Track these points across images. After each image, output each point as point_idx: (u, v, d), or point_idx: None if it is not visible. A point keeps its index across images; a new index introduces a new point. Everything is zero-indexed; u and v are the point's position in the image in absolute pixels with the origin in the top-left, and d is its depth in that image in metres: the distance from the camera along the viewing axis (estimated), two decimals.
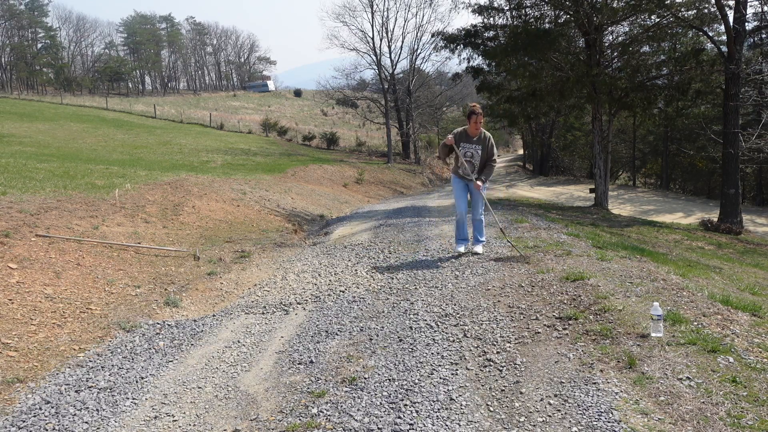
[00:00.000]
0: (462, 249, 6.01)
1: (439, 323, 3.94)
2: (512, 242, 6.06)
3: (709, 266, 7.21)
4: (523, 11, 16.38)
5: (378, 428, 2.61)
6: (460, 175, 5.98)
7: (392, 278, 5.29)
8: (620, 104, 15.31)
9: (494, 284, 4.76)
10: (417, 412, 2.74)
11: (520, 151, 45.11)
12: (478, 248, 6.01)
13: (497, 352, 3.38)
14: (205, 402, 3.03)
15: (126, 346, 3.92)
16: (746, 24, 14.43)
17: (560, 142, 35.01)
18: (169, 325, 4.35)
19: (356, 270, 5.74)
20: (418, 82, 35.66)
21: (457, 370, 3.18)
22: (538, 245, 6.15)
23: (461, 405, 2.77)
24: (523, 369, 3.12)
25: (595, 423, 2.51)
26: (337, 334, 3.87)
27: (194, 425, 2.79)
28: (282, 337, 3.94)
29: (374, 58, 32.40)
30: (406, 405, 2.80)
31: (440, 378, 3.09)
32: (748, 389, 2.66)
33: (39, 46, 71.76)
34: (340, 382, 3.12)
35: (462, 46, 17.90)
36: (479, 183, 5.77)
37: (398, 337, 3.72)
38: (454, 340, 3.61)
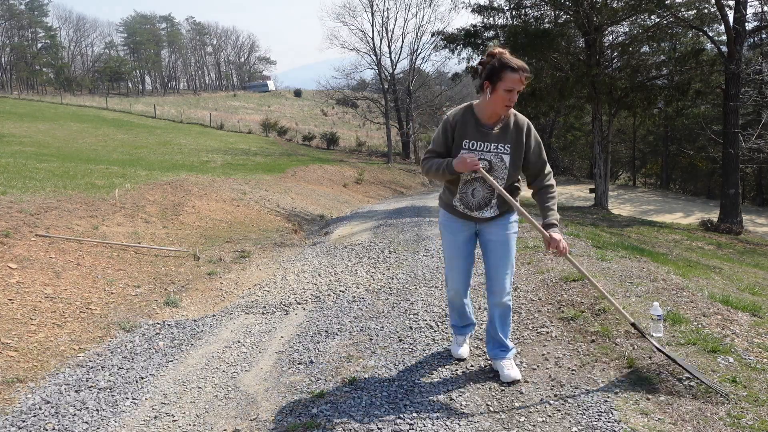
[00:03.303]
0: (464, 351, 3.21)
1: (439, 323, 3.94)
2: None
3: (709, 266, 7.22)
4: (523, 11, 16.43)
5: (378, 428, 2.61)
6: (459, 212, 2.93)
7: (392, 278, 5.29)
8: (620, 104, 15.35)
9: None
10: (417, 412, 2.74)
11: None
12: (508, 367, 2.95)
13: None
14: (205, 402, 3.03)
15: (126, 346, 3.92)
16: (746, 24, 14.46)
17: (560, 142, 35.03)
18: (169, 325, 4.35)
19: (356, 270, 5.74)
20: (418, 82, 35.65)
21: (457, 370, 3.18)
22: (538, 245, 6.15)
23: (461, 405, 2.77)
24: (523, 369, 3.12)
25: (595, 423, 2.51)
26: (337, 334, 3.87)
27: (194, 425, 2.79)
28: (282, 337, 3.94)
29: (374, 58, 32.43)
30: (406, 405, 2.80)
31: (440, 378, 3.09)
32: (748, 389, 2.66)
33: (39, 46, 71.83)
34: (340, 382, 3.12)
35: (462, 46, 17.96)
36: (556, 235, 2.74)
37: (398, 337, 3.72)
38: None
